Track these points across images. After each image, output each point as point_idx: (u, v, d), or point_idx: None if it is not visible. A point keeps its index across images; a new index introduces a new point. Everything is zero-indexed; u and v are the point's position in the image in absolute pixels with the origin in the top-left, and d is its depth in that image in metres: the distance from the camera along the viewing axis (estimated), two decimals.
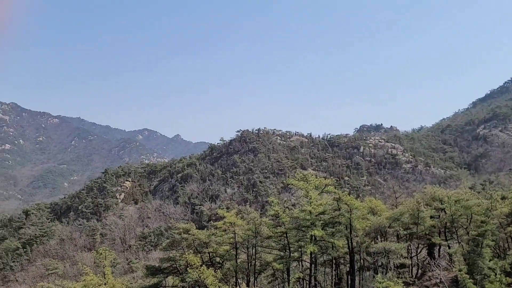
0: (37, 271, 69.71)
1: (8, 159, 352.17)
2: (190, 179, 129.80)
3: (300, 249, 31.58)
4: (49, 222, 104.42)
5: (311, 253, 29.14)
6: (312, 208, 28.99)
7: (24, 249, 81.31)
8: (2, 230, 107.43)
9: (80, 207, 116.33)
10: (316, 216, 29.37)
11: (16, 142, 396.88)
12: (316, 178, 32.60)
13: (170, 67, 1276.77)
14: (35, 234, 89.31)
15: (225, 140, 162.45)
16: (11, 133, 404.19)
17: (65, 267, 66.29)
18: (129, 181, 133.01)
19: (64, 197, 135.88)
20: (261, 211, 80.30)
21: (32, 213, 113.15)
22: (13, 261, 77.48)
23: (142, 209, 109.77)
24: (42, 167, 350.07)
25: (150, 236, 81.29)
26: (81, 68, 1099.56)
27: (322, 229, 28.96)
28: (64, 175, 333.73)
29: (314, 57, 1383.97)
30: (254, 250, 31.89)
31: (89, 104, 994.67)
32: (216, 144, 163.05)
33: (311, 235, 28.73)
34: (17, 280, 66.70)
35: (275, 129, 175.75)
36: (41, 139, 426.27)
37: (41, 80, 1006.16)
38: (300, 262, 35.05)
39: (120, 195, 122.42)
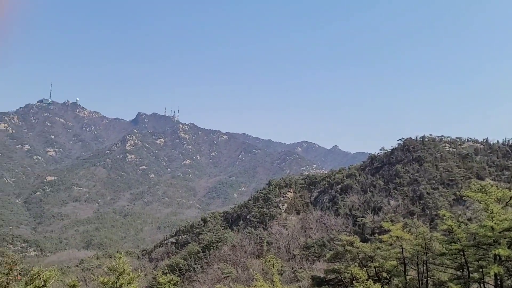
0: (214, 273, 76.61)
1: (189, 173, 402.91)
2: (350, 190, 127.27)
3: (480, 270, 27.83)
4: (222, 229, 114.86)
5: (495, 275, 25.45)
6: (495, 223, 25.35)
7: (204, 253, 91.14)
8: (186, 235, 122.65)
9: (248, 216, 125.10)
10: (499, 232, 25.56)
11: (194, 157, 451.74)
12: (498, 189, 28.52)
13: (324, 82, 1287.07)
14: (212, 240, 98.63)
15: (386, 150, 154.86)
16: (190, 150, 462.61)
17: (237, 271, 71.78)
18: (291, 192, 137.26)
19: (234, 207, 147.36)
20: (430, 225, 73.78)
21: (209, 221, 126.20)
22: (195, 263, 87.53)
23: (304, 220, 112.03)
24: (215, 179, 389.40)
25: (313, 246, 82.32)
26: (244, 91, 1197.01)
27: (508, 248, 25.06)
28: (233, 186, 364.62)
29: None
30: (425, 267, 29.43)
31: (253, 121, 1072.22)
32: (376, 154, 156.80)
33: (495, 254, 25.10)
34: (198, 281, 74.84)
35: (442, 136, 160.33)
36: (213, 154, 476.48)
37: (213, 103, 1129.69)
38: (482, 284, 30.90)
39: (283, 205, 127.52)
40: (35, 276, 14.24)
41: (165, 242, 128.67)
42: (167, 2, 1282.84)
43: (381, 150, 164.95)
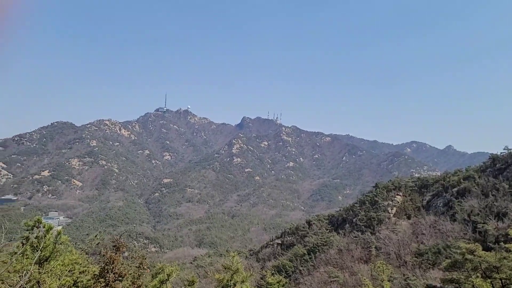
0: (320, 277, 75.94)
1: (292, 175, 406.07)
2: (468, 194, 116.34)
3: None
4: (328, 232, 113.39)
5: None
6: None
7: (309, 256, 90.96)
8: (291, 237, 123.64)
9: (354, 220, 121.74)
10: None
11: (297, 160, 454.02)
12: None
13: (438, 79, 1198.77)
14: (317, 243, 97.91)
15: (510, 149, 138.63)
16: (293, 152, 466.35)
17: (344, 276, 70.21)
18: (400, 195, 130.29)
19: (339, 210, 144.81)
20: None
21: (314, 223, 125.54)
22: (301, 266, 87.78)
23: (416, 225, 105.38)
24: (318, 182, 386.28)
25: (426, 253, 76.98)
26: (345, 92, 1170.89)
27: None
28: (338, 189, 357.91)
29: None
30: None
31: (357, 121, 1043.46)
32: (499, 154, 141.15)
33: None
34: (305, 283, 74.86)
35: None
36: (316, 156, 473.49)
37: (315, 105, 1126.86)
38: None
39: (391, 209, 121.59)
40: (160, 270, 15.70)
41: (271, 243, 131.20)
42: (282, 6, 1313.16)
43: (504, 149, 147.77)
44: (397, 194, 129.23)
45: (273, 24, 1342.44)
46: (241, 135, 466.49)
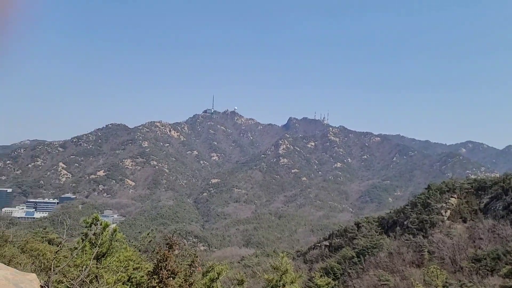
0: (370, 280, 74.21)
1: (340, 176, 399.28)
2: None
3: None
4: (377, 235, 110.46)
5: None
6: None
7: (358, 258, 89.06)
8: (339, 239, 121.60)
9: (405, 223, 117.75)
10: None
11: (345, 160, 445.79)
12: None
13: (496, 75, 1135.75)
14: (366, 245, 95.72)
15: None
16: (341, 153, 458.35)
17: (395, 280, 68.15)
18: (455, 198, 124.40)
19: (390, 212, 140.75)
20: None
21: (363, 226, 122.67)
22: (350, 268, 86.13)
23: (472, 229, 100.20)
24: (367, 183, 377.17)
25: (485, 259, 73.04)
26: (395, 91, 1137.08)
27: None
28: (388, 190, 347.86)
29: None
30: None
31: (408, 121, 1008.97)
32: None
33: None
34: (354, 286, 73.40)
35: None
36: (365, 157, 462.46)
37: (363, 105, 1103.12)
38: None
39: (445, 212, 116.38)
40: (210, 269, 16.02)
41: (319, 244, 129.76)
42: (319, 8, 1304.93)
43: None
44: (452, 196, 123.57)
45: (318, 24, 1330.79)
46: (288, 136, 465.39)
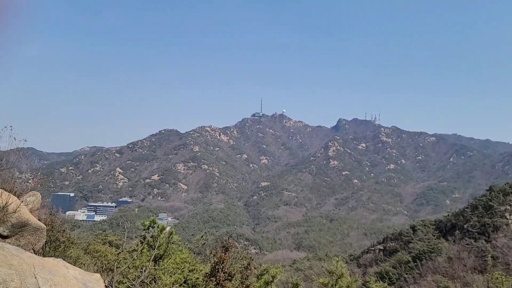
0: (428, 286, 71.54)
1: (393, 178, 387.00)
2: None
3: None
4: (435, 239, 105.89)
5: None
6: None
7: (415, 263, 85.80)
8: (394, 242, 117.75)
9: (465, 226, 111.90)
10: None
11: (399, 161, 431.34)
12: None
13: None
14: (423, 250, 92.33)
15: None
16: (394, 154, 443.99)
17: (455, 286, 64.97)
18: None
19: (448, 215, 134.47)
20: None
21: (418, 229, 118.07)
22: (406, 273, 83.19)
23: None
24: (423, 185, 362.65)
25: None
26: (452, 88, 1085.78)
27: None
28: (445, 192, 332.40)
29: None
30: None
31: (466, 119, 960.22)
32: None
33: None
34: None
35: None
36: (420, 157, 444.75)
37: (417, 104, 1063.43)
38: None
39: (510, 215, 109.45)
40: (264, 272, 16.09)
41: (373, 248, 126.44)
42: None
43: None
44: None
45: (367, 20, 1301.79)
46: (338, 137, 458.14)
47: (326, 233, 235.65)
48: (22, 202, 12.20)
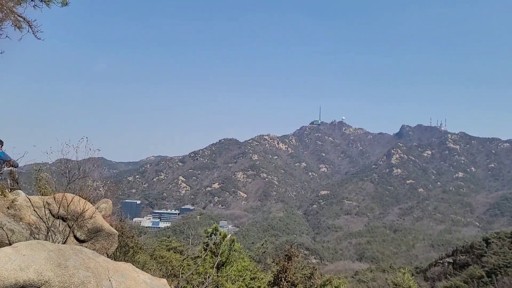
0: None
1: (463, 187, 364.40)
2: None
3: None
4: (511, 252, 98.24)
5: None
6: None
7: (489, 278, 79.87)
8: (464, 255, 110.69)
9: None
10: None
11: (468, 169, 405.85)
12: None
13: None
14: (498, 264, 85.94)
15: None
16: (462, 161, 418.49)
17: None
18: None
19: None
20: None
21: (493, 241, 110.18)
22: None
23: None
24: (496, 194, 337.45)
25: None
26: None
27: None
28: None
29: None
30: None
31: None
32: None
33: None
34: None
35: None
36: (492, 165, 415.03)
37: (487, 108, 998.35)
38: None
39: None
40: (327, 282, 15.85)
41: (441, 261, 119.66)
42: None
43: None
44: None
45: (430, 21, 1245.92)
46: (401, 145, 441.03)
47: (390, 244, 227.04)
48: (96, 208, 13.06)
